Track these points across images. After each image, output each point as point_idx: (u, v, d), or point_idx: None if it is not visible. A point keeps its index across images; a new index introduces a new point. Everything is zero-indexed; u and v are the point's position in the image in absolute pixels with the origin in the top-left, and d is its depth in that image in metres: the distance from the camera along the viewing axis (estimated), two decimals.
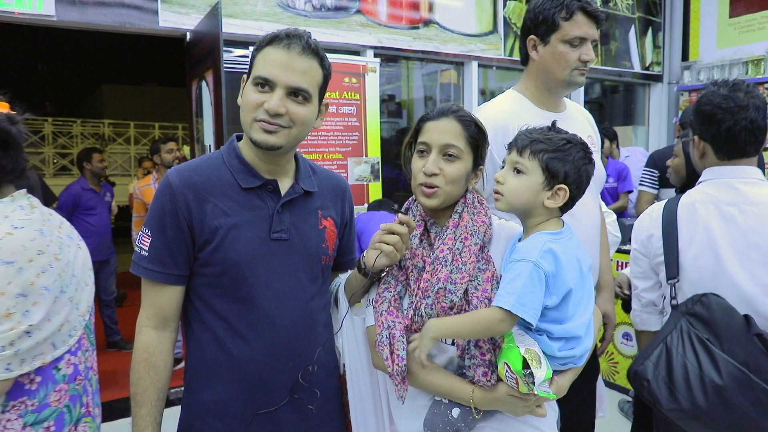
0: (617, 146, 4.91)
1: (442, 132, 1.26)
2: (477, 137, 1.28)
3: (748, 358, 1.33)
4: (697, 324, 1.40)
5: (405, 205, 1.38)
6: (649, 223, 1.62)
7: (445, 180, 1.24)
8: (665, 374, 1.39)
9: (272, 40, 1.22)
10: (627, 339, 3.58)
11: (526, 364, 1.09)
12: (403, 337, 1.23)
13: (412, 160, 1.31)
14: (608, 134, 4.66)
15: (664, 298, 1.59)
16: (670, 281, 1.52)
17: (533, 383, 1.08)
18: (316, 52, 1.23)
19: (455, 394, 1.22)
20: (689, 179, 2.03)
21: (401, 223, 1.23)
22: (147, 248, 1.24)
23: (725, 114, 1.50)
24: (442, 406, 1.24)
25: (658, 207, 1.63)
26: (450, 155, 1.25)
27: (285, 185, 1.31)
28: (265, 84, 1.20)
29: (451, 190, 1.26)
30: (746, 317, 1.40)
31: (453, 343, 1.24)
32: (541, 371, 1.09)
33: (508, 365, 1.11)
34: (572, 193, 1.20)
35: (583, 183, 1.22)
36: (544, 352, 1.14)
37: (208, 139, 3.41)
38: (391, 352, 1.23)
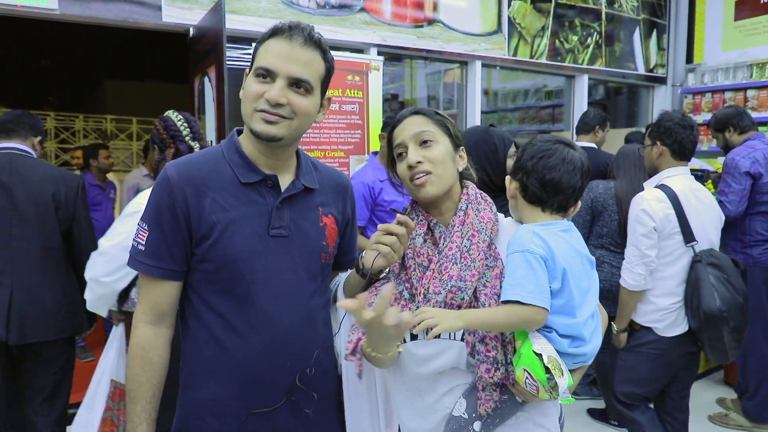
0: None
1: (409, 127, 1.29)
2: (443, 120, 1.32)
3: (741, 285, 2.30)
4: (716, 270, 2.27)
5: (405, 206, 1.37)
6: (660, 206, 2.29)
7: (432, 164, 1.26)
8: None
9: (275, 32, 1.21)
10: None
11: (548, 372, 1.08)
12: None
13: (398, 170, 1.32)
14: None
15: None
16: (689, 244, 2.31)
17: (556, 390, 1.07)
18: (319, 44, 1.23)
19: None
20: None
21: (399, 223, 1.22)
22: (144, 242, 1.23)
23: (682, 129, 2.37)
24: (462, 422, 1.22)
25: (656, 195, 2.32)
26: (425, 141, 1.27)
27: (285, 181, 1.29)
28: (266, 75, 1.19)
29: (442, 172, 1.27)
30: (733, 260, 2.38)
31: (462, 339, 1.22)
32: (564, 380, 1.09)
33: (529, 372, 1.10)
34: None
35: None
36: (557, 350, 1.14)
37: (210, 135, 3.40)
38: (360, 339, 1.25)
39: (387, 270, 1.31)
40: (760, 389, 3.37)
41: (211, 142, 3.38)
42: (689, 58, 5.89)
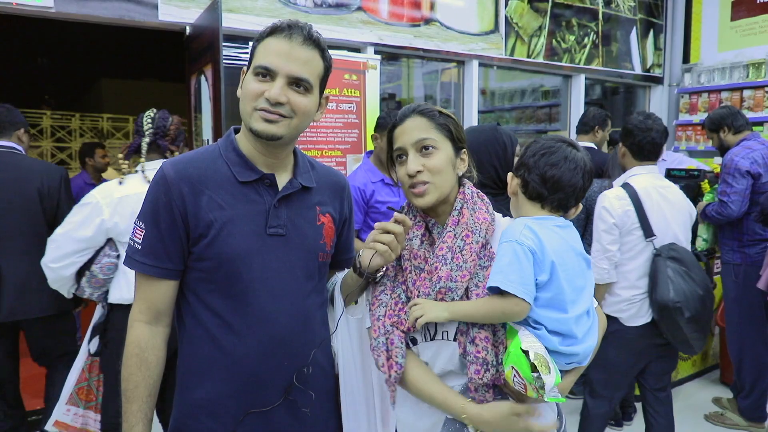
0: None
1: (410, 131, 1.26)
2: (446, 122, 1.28)
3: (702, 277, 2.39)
4: (676, 263, 2.37)
5: (403, 205, 1.37)
6: (619, 203, 2.40)
7: (431, 173, 1.24)
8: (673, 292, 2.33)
9: (273, 30, 1.21)
10: None
11: (534, 369, 1.07)
12: (401, 344, 1.23)
13: (397, 172, 1.31)
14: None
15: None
16: (649, 239, 2.40)
17: (543, 389, 1.07)
18: (318, 43, 1.23)
19: (447, 407, 1.21)
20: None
21: (397, 221, 1.22)
22: (140, 241, 1.22)
23: (640, 131, 2.47)
24: (458, 424, 1.22)
25: (617, 193, 2.43)
26: (426, 148, 1.25)
27: (283, 180, 1.29)
28: (266, 73, 1.19)
29: (440, 181, 1.25)
30: (695, 253, 2.57)
31: (455, 340, 1.22)
32: (551, 378, 1.08)
33: (516, 370, 1.09)
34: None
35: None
36: (547, 348, 1.13)
37: (207, 134, 3.39)
38: (388, 359, 1.22)
39: (384, 269, 1.31)
40: (755, 388, 3.38)
41: (208, 141, 3.37)
42: (686, 58, 5.90)
